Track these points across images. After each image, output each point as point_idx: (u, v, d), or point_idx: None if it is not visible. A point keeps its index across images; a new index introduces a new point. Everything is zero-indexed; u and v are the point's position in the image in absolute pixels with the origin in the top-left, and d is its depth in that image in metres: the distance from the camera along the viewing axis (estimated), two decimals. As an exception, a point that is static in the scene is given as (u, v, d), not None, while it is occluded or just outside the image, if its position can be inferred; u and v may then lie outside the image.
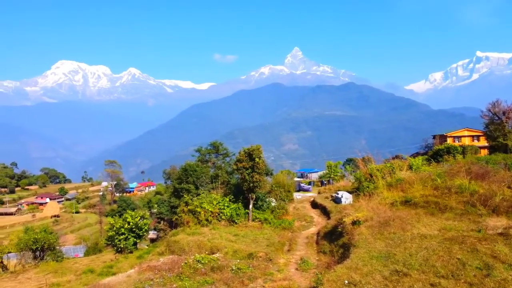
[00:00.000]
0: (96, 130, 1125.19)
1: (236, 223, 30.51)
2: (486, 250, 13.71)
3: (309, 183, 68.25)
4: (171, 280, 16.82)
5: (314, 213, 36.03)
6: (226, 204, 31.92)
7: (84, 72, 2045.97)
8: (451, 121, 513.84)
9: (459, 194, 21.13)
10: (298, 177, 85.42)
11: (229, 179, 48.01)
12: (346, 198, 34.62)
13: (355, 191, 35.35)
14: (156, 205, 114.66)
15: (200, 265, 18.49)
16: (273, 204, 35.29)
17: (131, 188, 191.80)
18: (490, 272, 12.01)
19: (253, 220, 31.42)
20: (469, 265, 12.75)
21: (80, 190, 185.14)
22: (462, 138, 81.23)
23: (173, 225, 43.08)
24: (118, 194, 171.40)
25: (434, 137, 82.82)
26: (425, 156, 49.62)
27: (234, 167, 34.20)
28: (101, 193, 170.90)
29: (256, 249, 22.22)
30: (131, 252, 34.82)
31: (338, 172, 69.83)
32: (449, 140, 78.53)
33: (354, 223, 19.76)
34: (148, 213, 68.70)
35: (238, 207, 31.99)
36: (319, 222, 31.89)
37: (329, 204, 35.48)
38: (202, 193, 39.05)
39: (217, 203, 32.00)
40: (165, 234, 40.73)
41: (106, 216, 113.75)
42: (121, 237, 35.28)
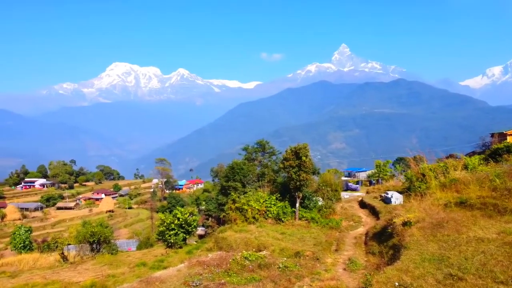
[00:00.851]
0: (147, 129, 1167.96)
1: (282, 221, 30.53)
2: (551, 256, 12.81)
3: (357, 183, 66.88)
4: (220, 276, 17.16)
5: (362, 213, 35.29)
6: (272, 202, 32.01)
7: (136, 73, 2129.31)
8: (511, 118, 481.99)
9: (520, 196, 19.84)
10: (346, 176, 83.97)
11: (275, 177, 48.05)
12: (396, 198, 33.60)
13: (405, 191, 34.18)
14: (204, 202, 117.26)
15: (247, 262, 18.71)
16: (320, 203, 34.93)
17: (180, 185, 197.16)
18: (556, 280, 11.22)
19: (300, 219, 31.29)
20: (531, 271, 11.97)
21: (132, 187, 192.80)
22: (524, 136, 75.97)
23: (220, 222, 43.84)
24: (168, 191, 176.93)
25: (492, 135, 77.82)
26: (482, 155, 46.97)
27: (281, 165, 34.19)
28: (152, 190, 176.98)
29: (303, 247, 22.14)
30: (181, 247, 35.81)
31: (387, 171, 67.83)
32: (509, 139, 73.64)
33: (404, 224, 19.15)
34: (197, 210, 70.26)
35: (285, 206, 31.97)
36: (367, 222, 31.21)
37: (378, 204, 34.60)
38: (249, 191, 39.42)
39: (263, 201, 32.16)
40: (213, 231, 41.49)
41: (157, 212, 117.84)
42: (171, 232, 36.37)
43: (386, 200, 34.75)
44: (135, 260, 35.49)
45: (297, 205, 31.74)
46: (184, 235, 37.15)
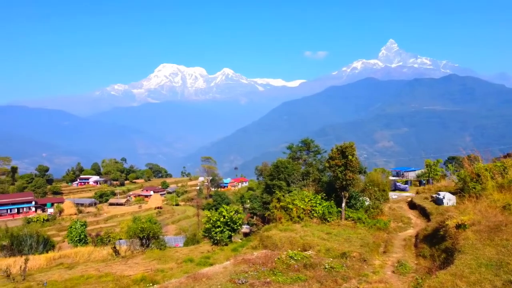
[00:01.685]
0: (193, 128, 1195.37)
1: (328, 221, 30.10)
2: None
3: (406, 183, 64.56)
4: (265, 274, 17.19)
5: (412, 214, 34.07)
6: (318, 202, 31.64)
7: (182, 74, 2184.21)
8: None
9: None
10: (394, 176, 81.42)
11: (320, 176, 47.47)
12: (449, 199, 32.11)
13: (458, 192, 32.56)
14: (249, 200, 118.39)
15: (293, 261, 18.61)
16: (367, 203, 34.10)
17: (225, 183, 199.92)
18: None
19: (346, 219, 30.71)
20: None
21: (179, 184, 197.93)
22: None
23: (265, 220, 43.95)
24: (213, 189, 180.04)
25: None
26: (545, 154, 43.76)
27: (326, 164, 33.71)
28: (198, 188, 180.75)
29: (350, 248, 21.69)
30: (226, 244, 36.28)
31: (438, 171, 64.95)
32: None
33: (458, 226, 18.24)
34: (242, 208, 71.02)
35: (330, 205, 31.50)
36: (417, 224, 30.10)
37: (428, 205, 33.24)
38: (294, 189, 39.17)
39: (308, 201, 31.88)
40: (258, 229, 41.68)
41: (203, 209, 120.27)
42: (217, 229, 36.93)
43: (438, 201, 33.31)
44: (183, 256, 36.40)
45: (343, 204, 31.17)
46: (230, 233, 37.59)
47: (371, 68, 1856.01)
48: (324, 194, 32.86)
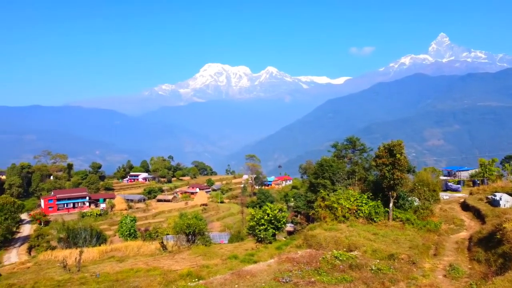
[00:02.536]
0: (238, 127, 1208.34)
1: (374, 221, 29.38)
2: None
3: (458, 183, 61.59)
4: (309, 274, 17.03)
5: (465, 216, 32.46)
6: (364, 201, 30.99)
7: (227, 73, 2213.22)
8: None
9: None
10: (445, 176, 78.14)
11: (366, 175, 46.46)
12: (506, 200, 30.29)
13: (517, 194, 30.65)
14: (293, 199, 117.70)
15: (338, 261, 18.30)
16: (416, 203, 32.92)
17: (269, 181, 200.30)
18: None
19: (394, 220, 29.81)
20: None
21: (224, 182, 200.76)
22: None
23: (309, 219, 43.60)
24: (257, 187, 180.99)
25: None
26: None
27: (373, 163, 32.93)
28: (242, 185, 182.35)
29: (398, 250, 21.01)
30: (270, 242, 36.36)
31: (494, 171, 61.48)
32: None
33: (517, 230, 17.13)
34: (286, 206, 70.94)
35: (377, 205, 30.72)
36: (471, 226, 28.63)
37: (483, 207, 31.54)
38: (339, 188, 38.56)
39: (354, 200, 31.29)
40: (302, 228, 41.44)
41: (247, 207, 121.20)
42: (261, 227, 37.11)
43: (494, 203, 31.50)
44: (227, 253, 36.91)
45: (391, 205, 30.28)
46: (274, 231, 37.67)
47: (420, 63, 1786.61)
48: (371, 194, 32.15)
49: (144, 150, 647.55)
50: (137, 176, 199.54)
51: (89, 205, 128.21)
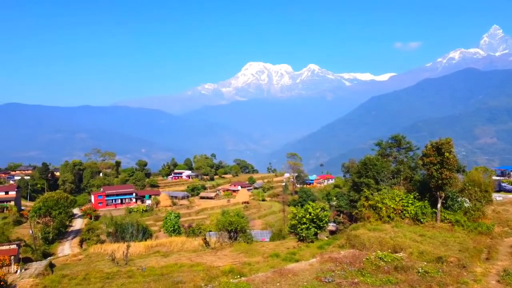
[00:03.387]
0: (279, 125, 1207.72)
1: (421, 222, 28.39)
2: None
3: (513, 183, 58.17)
4: (352, 274, 16.71)
5: (521, 219, 30.58)
6: (410, 202, 30.04)
7: (268, 71, 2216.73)
8: None
9: None
10: (498, 176, 74.16)
11: (412, 174, 45.00)
12: None
13: None
14: (335, 198, 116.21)
15: (382, 262, 17.84)
16: (466, 204, 31.43)
17: (311, 180, 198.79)
18: None
19: (442, 221, 28.64)
20: None
21: (265, 180, 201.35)
22: None
23: (352, 219, 42.86)
24: (298, 185, 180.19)
25: None
26: None
27: (420, 162, 31.86)
28: (283, 184, 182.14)
29: (446, 253, 20.15)
30: (312, 241, 36.06)
31: (554, 171, 57.50)
32: None
33: None
34: (328, 206, 70.07)
35: (424, 206, 29.68)
36: (527, 229, 26.94)
37: (542, 209, 29.59)
38: (384, 188, 37.58)
39: (399, 200, 30.39)
40: (345, 227, 40.81)
41: (288, 205, 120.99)
42: (303, 226, 36.89)
43: (553, 205, 29.46)
44: (269, 251, 37.00)
45: (439, 205, 29.12)
46: (316, 230, 37.32)
47: (470, 57, 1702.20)
48: (417, 194, 31.15)
49: (187, 148, 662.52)
50: (181, 173, 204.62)
51: (136, 201, 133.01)
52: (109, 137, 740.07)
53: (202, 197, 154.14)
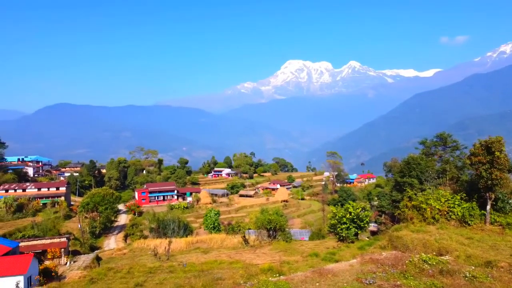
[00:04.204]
0: (319, 123, 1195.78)
1: (469, 224, 27.13)
2: None
3: None
4: (395, 277, 16.24)
5: None
6: (456, 203, 28.78)
7: (308, 69, 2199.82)
8: None
9: None
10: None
11: (459, 174, 43.15)
12: None
13: None
14: (377, 198, 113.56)
15: (426, 265, 17.20)
16: (518, 206, 29.68)
17: (351, 179, 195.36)
18: None
19: (491, 224, 27.22)
20: None
21: (304, 179, 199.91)
22: None
23: (394, 219, 41.71)
24: (338, 184, 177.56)
25: None
26: None
27: (467, 161, 30.46)
28: (323, 183, 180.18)
29: (496, 257, 19.12)
30: (353, 242, 35.43)
31: None
32: None
33: None
34: (369, 205, 68.50)
35: (472, 207, 28.33)
36: None
37: None
38: (428, 188, 36.29)
39: (445, 201, 29.20)
40: (387, 228, 39.74)
41: (328, 204, 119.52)
42: (343, 226, 36.32)
43: None
44: (308, 250, 36.72)
45: (488, 207, 27.71)
46: (356, 230, 36.65)
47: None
48: (464, 195, 29.81)
49: (227, 147, 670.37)
50: (220, 171, 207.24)
51: (177, 198, 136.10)
52: (152, 135, 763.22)
53: (241, 195, 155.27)
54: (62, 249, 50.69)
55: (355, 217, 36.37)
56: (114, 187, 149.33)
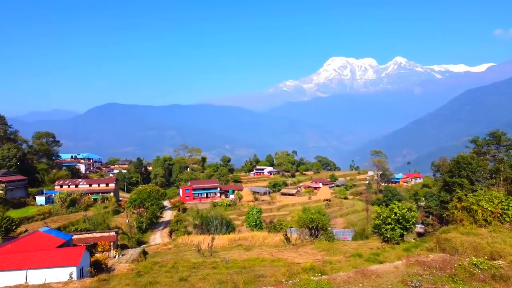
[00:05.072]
0: (362, 121, 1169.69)
1: (525, 228, 25.54)
2: None
3: None
4: (442, 280, 15.64)
5: None
6: (511, 205, 27.22)
7: (351, 66, 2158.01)
8: None
9: None
10: None
11: (514, 175, 40.70)
12: None
13: None
14: (424, 198, 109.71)
15: (477, 269, 16.42)
16: None
17: (397, 178, 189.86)
18: None
19: (551, 228, 25.49)
20: None
21: (348, 178, 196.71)
22: None
23: (443, 221, 40.14)
24: (383, 184, 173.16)
25: None
26: None
27: (523, 161, 28.69)
28: (367, 182, 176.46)
29: (556, 263, 17.91)
30: (398, 243, 34.47)
31: None
32: None
33: None
34: (415, 206, 66.34)
35: (528, 209, 26.67)
36: None
37: None
38: (480, 189, 34.58)
39: (498, 202, 27.70)
40: (434, 230, 38.28)
41: (372, 204, 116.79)
42: (388, 227, 35.38)
43: None
44: (351, 250, 36.13)
45: (547, 210, 25.99)
46: (401, 231, 35.58)
47: None
48: (520, 196, 28.15)
49: (269, 145, 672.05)
50: (262, 169, 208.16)
51: (220, 196, 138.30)
52: (196, 133, 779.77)
53: (283, 194, 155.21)
54: (111, 243, 53.06)
55: (400, 217, 35.32)
56: (160, 184, 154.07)
